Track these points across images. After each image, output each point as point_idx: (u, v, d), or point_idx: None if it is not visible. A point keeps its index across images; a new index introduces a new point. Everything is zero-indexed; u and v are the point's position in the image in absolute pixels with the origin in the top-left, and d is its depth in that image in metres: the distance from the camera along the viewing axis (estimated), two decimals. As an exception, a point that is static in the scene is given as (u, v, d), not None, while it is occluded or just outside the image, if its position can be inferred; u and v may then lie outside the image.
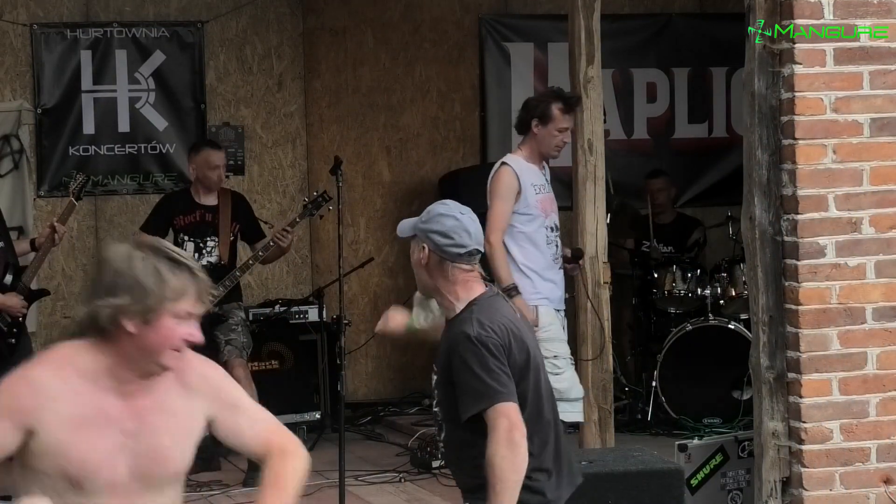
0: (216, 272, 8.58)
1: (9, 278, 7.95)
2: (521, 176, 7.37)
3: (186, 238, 8.73)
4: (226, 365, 8.66)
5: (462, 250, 4.50)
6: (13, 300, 7.93)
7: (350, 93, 10.94)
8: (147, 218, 9.02)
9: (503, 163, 7.45)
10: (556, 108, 7.38)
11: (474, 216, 4.57)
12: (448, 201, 4.64)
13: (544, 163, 7.58)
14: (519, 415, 4.39)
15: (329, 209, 8.74)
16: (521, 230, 7.39)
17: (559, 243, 7.56)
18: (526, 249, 7.39)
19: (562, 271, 7.59)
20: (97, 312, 3.47)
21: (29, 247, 8.20)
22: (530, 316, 7.14)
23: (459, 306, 4.53)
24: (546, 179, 7.54)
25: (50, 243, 8.13)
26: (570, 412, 7.29)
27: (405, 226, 4.63)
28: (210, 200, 8.82)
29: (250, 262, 8.81)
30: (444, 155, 11.13)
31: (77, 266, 10.42)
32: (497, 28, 11.18)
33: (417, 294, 4.83)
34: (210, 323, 8.75)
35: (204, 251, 8.78)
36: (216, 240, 8.80)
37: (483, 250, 4.57)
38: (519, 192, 7.35)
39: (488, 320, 4.45)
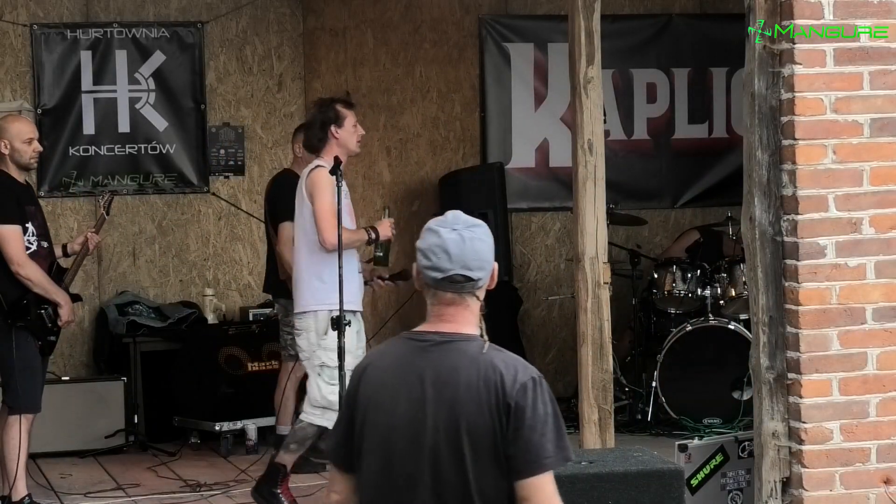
0: None
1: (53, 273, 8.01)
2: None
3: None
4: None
5: (437, 274, 3.64)
6: (72, 314, 7.99)
7: (350, 93, 10.94)
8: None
9: (320, 166, 7.57)
10: (340, 108, 7.64)
11: (478, 234, 3.68)
12: (455, 213, 3.75)
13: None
14: None
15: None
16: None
17: (357, 249, 7.75)
18: (321, 255, 7.49)
19: (360, 276, 7.70)
20: None
21: (61, 251, 8.23)
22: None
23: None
24: (344, 185, 7.64)
25: (86, 251, 8.21)
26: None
27: None
28: None
29: None
30: (444, 155, 11.13)
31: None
32: (497, 28, 11.18)
33: None
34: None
35: None
36: None
37: (475, 277, 3.67)
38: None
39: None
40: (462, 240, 3.63)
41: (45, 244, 7.96)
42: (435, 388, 3.60)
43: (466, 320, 3.68)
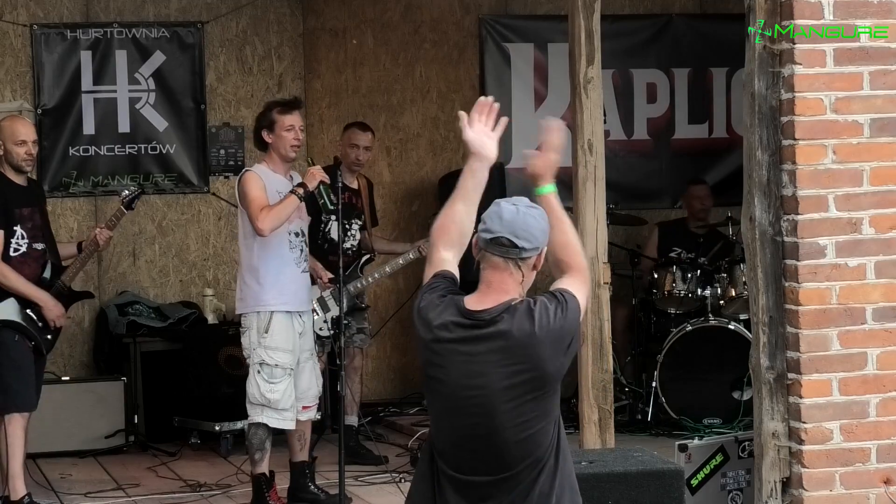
0: (360, 258, 9.12)
1: (46, 276, 7.96)
2: (265, 180, 7.69)
3: (333, 218, 8.66)
4: (356, 352, 9.02)
5: (488, 235, 4.10)
6: (57, 309, 7.93)
7: (350, 93, 10.94)
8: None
9: (246, 170, 7.87)
10: (274, 114, 7.78)
11: (533, 213, 4.16)
12: (521, 197, 4.27)
13: (291, 175, 7.88)
14: None
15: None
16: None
17: (304, 248, 7.85)
18: (257, 257, 7.70)
19: (306, 275, 7.86)
20: None
21: (76, 250, 8.21)
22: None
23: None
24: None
25: (94, 246, 8.16)
26: (278, 419, 7.70)
27: None
28: (352, 182, 9.05)
29: (401, 261, 9.16)
30: (444, 155, 11.13)
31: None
32: (497, 28, 11.18)
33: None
34: (350, 310, 8.85)
35: (349, 233, 9.02)
36: (360, 223, 9.12)
37: (520, 245, 4.08)
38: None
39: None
40: (517, 211, 4.14)
41: (39, 246, 7.91)
42: (492, 357, 4.03)
43: (509, 287, 4.09)
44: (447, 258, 4.25)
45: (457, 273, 4.24)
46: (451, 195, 4.44)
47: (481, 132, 4.43)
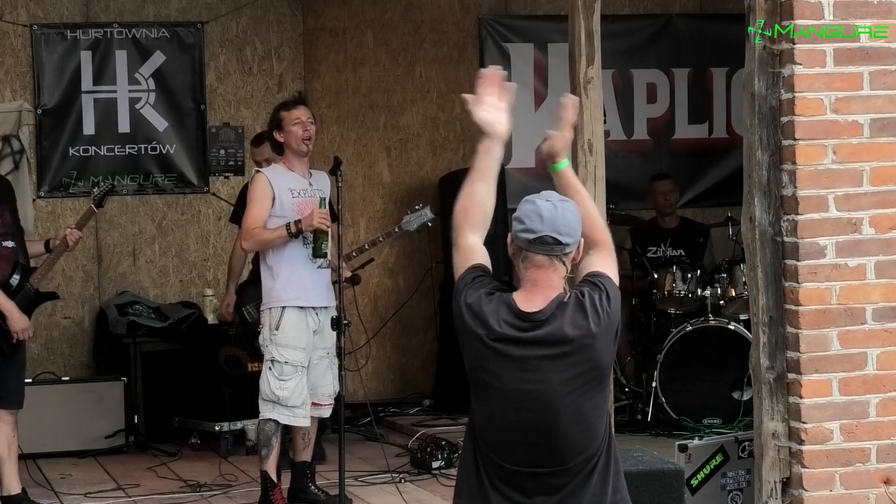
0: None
1: (16, 278, 7.88)
2: (274, 181, 7.75)
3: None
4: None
5: (530, 235, 4.07)
6: (22, 322, 7.76)
7: (350, 93, 10.94)
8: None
9: (257, 170, 7.96)
10: (281, 113, 7.87)
11: (568, 206, 4.15)
12: (549, 191, 4.26)
13: (311, 171, 7.93)
14: None
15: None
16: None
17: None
18: (272, 255, 7.75)
19: (322, 272, 7.82)
20: None
21: (43, 248, 8.15)
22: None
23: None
24: (310, 185, 7.85)
25: (63, 247, 8.09)
26: (289, 416, 7.71)
27: None
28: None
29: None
30: (444, 155, 11.13)
31: (77, 266, 10.42)
32: (497, 28, 11.18)
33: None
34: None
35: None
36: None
37: (563, 242, 4.08)
38: (273, 197, 7.74)
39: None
40: (554, 207, 4.10)
41: (8, 244, 7.81)
42: (549, 355, 4.03)
43: (555, 284, 4.10)
44: (475, 243, 4.23)
45: (488, 260, 4.22)
46: (467, 176, 4.42)
47: (492, 107, 4.43)
